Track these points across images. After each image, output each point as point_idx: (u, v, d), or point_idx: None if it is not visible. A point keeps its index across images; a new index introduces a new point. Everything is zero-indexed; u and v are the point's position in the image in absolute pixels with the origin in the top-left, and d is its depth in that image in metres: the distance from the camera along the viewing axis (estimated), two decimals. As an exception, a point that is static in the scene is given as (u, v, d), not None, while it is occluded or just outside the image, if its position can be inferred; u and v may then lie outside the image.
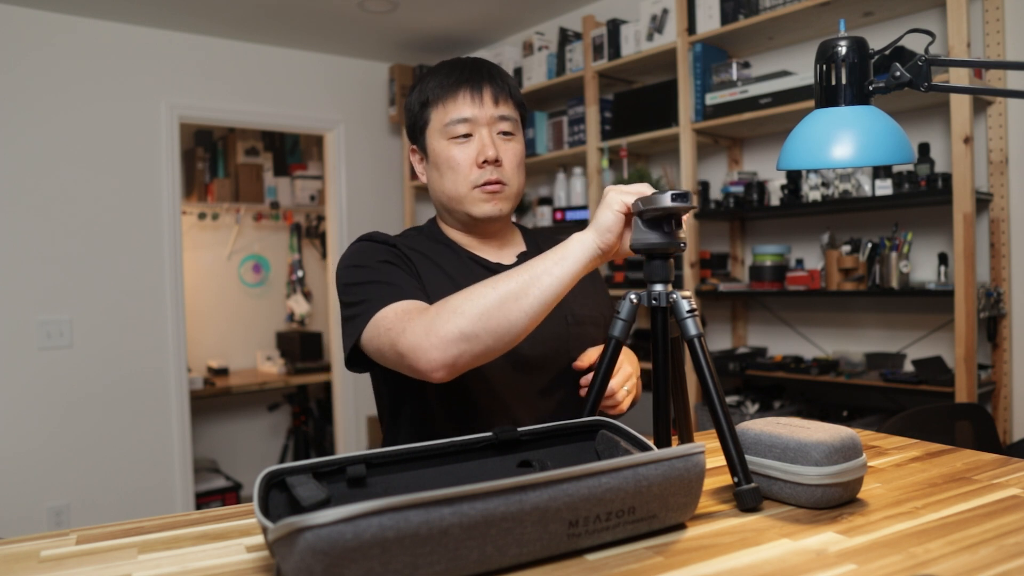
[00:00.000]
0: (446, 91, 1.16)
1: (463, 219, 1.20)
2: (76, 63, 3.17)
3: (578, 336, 1.21)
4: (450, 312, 0.93)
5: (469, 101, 1.16)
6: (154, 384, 3.35)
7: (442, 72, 1.19)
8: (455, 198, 1.17)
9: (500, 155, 1.16)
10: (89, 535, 0.79)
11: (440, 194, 1.20)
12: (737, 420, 1.41)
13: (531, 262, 0.96)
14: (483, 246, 1.24)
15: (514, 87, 1.22)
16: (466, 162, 1.16)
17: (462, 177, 1.16)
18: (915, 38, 1.79)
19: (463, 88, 1.16)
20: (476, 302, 0.92)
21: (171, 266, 3.40)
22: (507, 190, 1.18)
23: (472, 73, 1.17)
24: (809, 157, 0.93)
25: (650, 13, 2.71)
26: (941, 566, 0.66)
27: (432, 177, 1.21)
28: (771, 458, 0.85)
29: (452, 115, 1.15)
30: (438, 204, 1.23)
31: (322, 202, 4.64)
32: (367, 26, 3.44)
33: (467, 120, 1.15)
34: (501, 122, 1.17)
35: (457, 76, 1.17)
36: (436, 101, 1.17)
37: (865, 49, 0.92)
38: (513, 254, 1.25)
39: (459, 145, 1.16)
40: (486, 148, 1.15)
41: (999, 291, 2.12)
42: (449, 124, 1.16)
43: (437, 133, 1.17)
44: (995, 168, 2.13)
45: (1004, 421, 2.13)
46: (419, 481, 0.82)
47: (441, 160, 1.17)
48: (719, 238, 2.85)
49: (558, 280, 0.93)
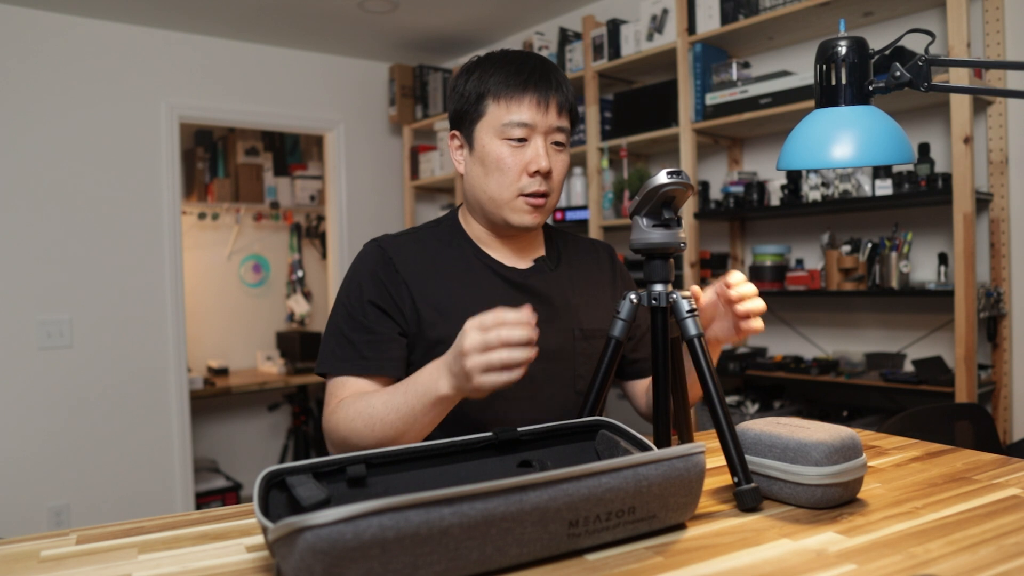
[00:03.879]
0: (512, 90, 1.11)
1: (496, 222, 1.17)
2: (76, 63, 3.17)
3: (584, 351, 1.19)
4: (349, 428, 1.05)
5: (535, 106, 1.11)
6: (154, 384, 3.35)
7: (509, 67, 1.13)
8: (496, 200, 1.14)
9: (552, 166, 1.13)
10: (89, 535, 0.79)
11: (480, 192, 1.15)
12: (737, 420, 1.41)
13: (407, 391, 0.99)
14: (503, 248, 1.21)
15: (575, 98, 1.18)
16: (516, 167, 1.12)
17: (509, 181, 1.12)
18: (915, 38, 1.79)
19: (530, 91, 1.11)
20: (369, 433, 1.03)
21: (171, 266, 3.40)
22: (549, 202, 1.16)
23: (542, 77, 1.13)
24: (809, 157, 0.93)
25: (650, 13, 2.71)
26: (941, 566, 0.66)
27: (475, 172, 1.16)
28: (771, 458, 0.85)
29: (514, 116, 1.11)
30: (473, 200, 1.18)
31: (322, 202, 4.64)
32: (367, 26, 3.44)
33: (527, 126, 1.11)
34: (558, 133, 1.14)
35: (526, 77, 1.12)
36: (498, 97, 1.12)
37: (865, 49, 0.92)
38: (531, 258, 1.23)
39: (513, 148, 1.12)
40: (540, 158, 1.11)
41: (999, 291, 2.12)
42: (507, 125, 1.11)
43: (491, 130, 1.13)
44: (995, 168, 2.13)
45: (1004, 421, 2.13)
46: (419, 481, 0.82)
47: (490, 159, 1.13)
48: (719, 238, 2.85)
49: (410, 419, 1.00)
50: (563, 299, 1.20)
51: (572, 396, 1.18)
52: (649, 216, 0.92)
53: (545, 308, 1.17)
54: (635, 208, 0.92)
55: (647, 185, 0.88)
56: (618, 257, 1.35)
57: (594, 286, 1.26)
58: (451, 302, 1.14)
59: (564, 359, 1.17)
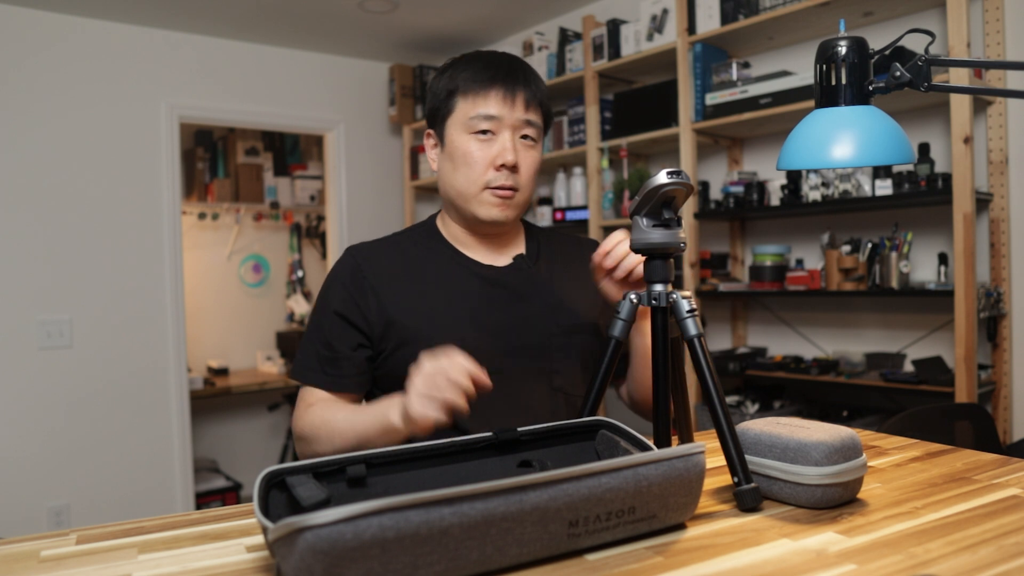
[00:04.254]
0: (479, 85, 1.13)
1: (467, 216, 1.18)
2: (76, 63, 3.17)
3: (562, 347, 1.19)
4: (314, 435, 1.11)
5: (500, 100, 1.13)
6: (154, 384, 3.35)
7: (477, 64, 1.16)
8: (464, 195, 1.16)
9: (519, 161, 1.14)
10: (89, 535, 0.79)
11: (449, 187, 1.18)
12: (737, 420, 1.41)
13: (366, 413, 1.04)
14: (480, 247, 1.22)
15: (546, 95, 1.19)
16: (483, 161, 1.14)
17: (476, 175, 1.14)
18: (915, 38, 1.79)
19: (497, 85, 1.13)
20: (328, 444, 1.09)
21: (171, 266, 3.40)
22: (518, 197, 1.16)
23: (509, 72, 1.15)
24: (809, 157, 0.93)
25: (650, 13, 2.71)
26: (941, 566, 0.66)
27: (444, 168, 1.19)
28: (771, 458, 0.85)
29: (479, 110, 1.13)
30: (445, 197, 1.21)
31: (322, 202, 4.64)
32: (367, 26, 3.44)
33: (493, 118, 1.13)
34: (526, 127, 1.15)
35: (493, 72, 1.14)
36: (466, 92, 1.14)
37: (865, 49, 0.92)
38: (510, 256, 1.23)
39: (479, 142, 1.14)
40: (506, 152, 1.13)
41: (999, 291, 2.12)
42: (474, 118, 1.13)
43: (460, 125, 1.15)
44: (995, 168, 2.13)
45: (1004, 421, 2.13)
46: (419, 481, 0.82)
47: (457, 153, 1.15)
48: (719, 238, 2.85)
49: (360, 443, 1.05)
50: (541, 296, 1.20)
51: (550, 393, 1.18)
52: (649, 216, 0.92)
53: (522, 305, 1.18)
54: (635, 208, 0.92)
55: (647, 185, 0.88)
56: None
57: (577, 283, 1.24)
58: (425, 303, 1.15)
59: (540, 357, 1.17)
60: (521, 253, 1.24)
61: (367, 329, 1.15)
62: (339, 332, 1.16)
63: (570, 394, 1.20)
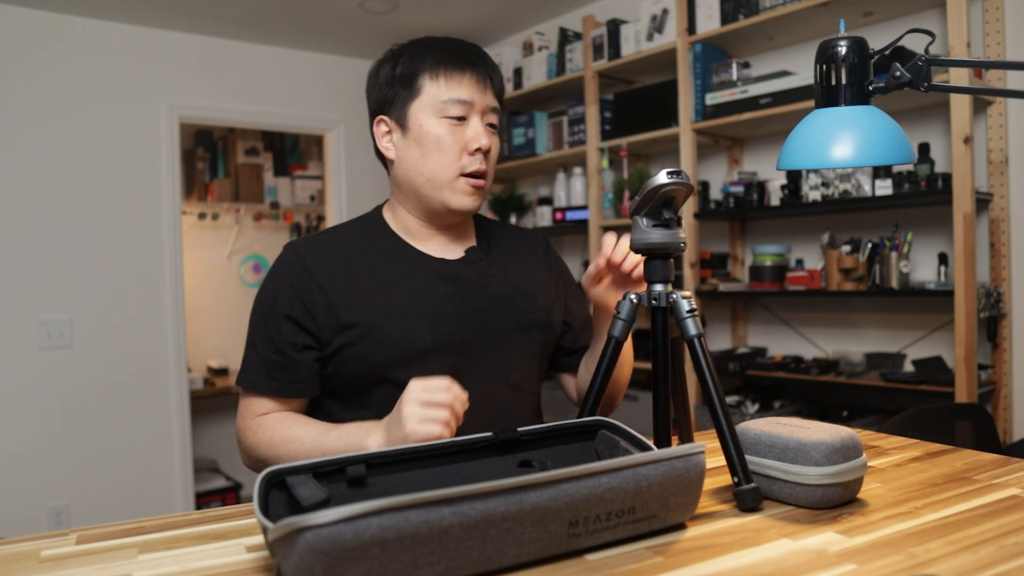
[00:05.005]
0: (451, 68, 1.10)
1: (433, 206, 1.13)
2: (76, 63, 3.17)
3: (518, 342, 1.16)
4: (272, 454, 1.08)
5: (475, 84, 1.11)
6: (154, 384, 3.35)
7: (440, 48, 1.12)
8: (436, 181, 1.11)
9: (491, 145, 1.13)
10: (89, 535, 0.79)
11: (417, 175, 1.12)
12: (737, 420, 1.41)
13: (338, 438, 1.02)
14: (433, 239, 1.18)
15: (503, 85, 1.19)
16: (456, 146, 1.10)
17: (449, 160, 1.10)
18: (915, 38, 1.79)
19: (469, 70, 1.11)
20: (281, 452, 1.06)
21: (171, 266, 3.40)
22: (486, 183, 1.14)
23: (479, 57, 1.13)
24: (809, 157, 0.93)
25: (650, 13, 2.71)
26: (941, 566, 0.66)
27: (411, 155, 1.12)
28: (771, 458, 0.85)
29: (454, 94, 1.09)
30: (407, 185, 1.14)
31: (322, 202, 4.64)
32: (367, 26, 3.44)
33: (467, 103, 1.10)
34: (492, 115, 1.14)
35: (464, 57, 1.12)
36: (436, 75, 1.10)
37: (865, 49, 0.92)
38: (462, 248, 1.19)
39: (452, 126, 1.10)
40: (480, 136, 1.11)
41: (999, 291, 2.12)
42: (447, 102, 1.09)
43: (429, 108, 1.10)
44: (995, 168, 2.13)
45: (1004, 421, 2.13)
46: (419, 481, 0.82)
47: (428, 138, 1.10)
48: (719, 238, 2.85)
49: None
50: (495, 289, 1.17)
51: (506, 389, 1.15)
52: (649, 216, 0.92)
53: (476, 298, 1.14)
54: (635, 208, 0.92)
55: (647, 185, 0.88)
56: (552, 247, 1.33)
57: (528, 276, 1.22)
58: (376, 298, 1.11)
59: (496, 352, 1.14)
60: (473, 246, 1.21)
61: (315, 329, 1.10)
62: (287, 334, 1.10)
63: (526, 391, 1.18)
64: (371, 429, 0.99)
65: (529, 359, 1.18)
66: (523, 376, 1.17)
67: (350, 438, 1.00)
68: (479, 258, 1.19)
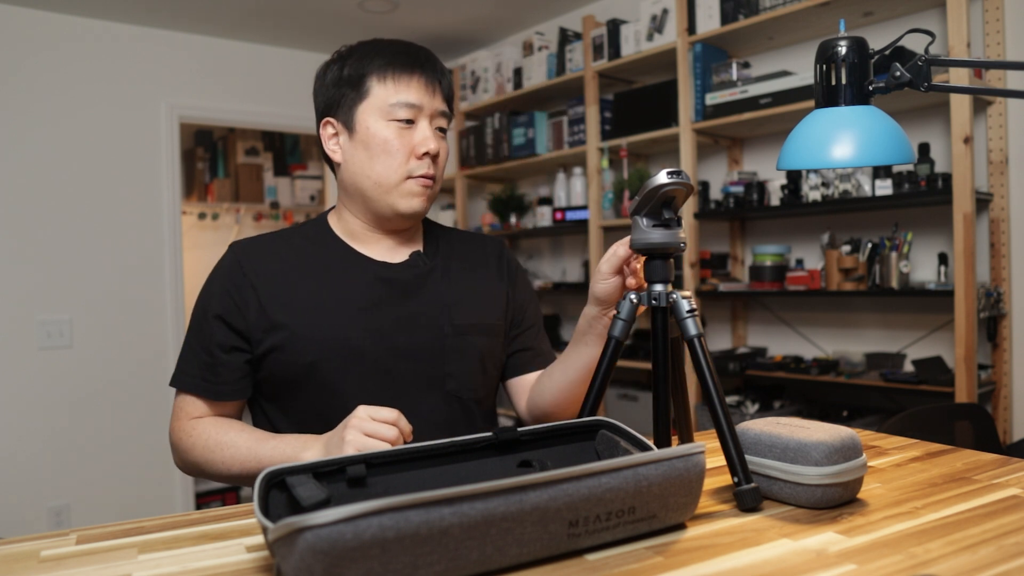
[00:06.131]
0: (399, 71, 1.09)
1: (380, 210, 1.12)
2: (76, 63, 3.17)
3: (456, 348, 1.13)
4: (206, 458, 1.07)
5: (423, 88, 1.09)
6: (154, 384, 3.35)
7: (389, 50, 1.11)
8: (383, 185, 1.09)
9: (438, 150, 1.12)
10: (89, 535, 0.79)
11: (363, 179, 1.10)
12: (737, 420, 1.41)
13: (274, 448, 1.01)
14: (378, 243, 1.16)
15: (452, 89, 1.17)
16: (404, 149, 1.09)
17: (397, 164, 1.09)
18: (915, 38, 1.79)
19: (418, 72, 1.09)
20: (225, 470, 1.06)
21: (171, 266, 3.40)
22: (435, 187, 1.13)
23: (428, 60, 1.12)
24: (809, 157, 0.93)
25: (650, 13, 2.71)
26: (941, 566, 0.66)
27: (357, 158, 1.11)
28: (771, 458, 0.85)
29: (401, 97, 1.08)
30: (354, 188, 1.13)
31: (322, 202, 4.64)
32: (367, 26, 3.44)
33: (415, 106, 1.09)
34: (441, 118, 1.13)
35: (412, 59, 1.10)
36: (384, 77, 1.09)
37: (865, 49, 0.92)
38: (407, 253, 1.17)
39: (400, 129, 1.09)
40: (428, 140, 1.09)
41: (999, 291, 2.12)
42: (395, 105, 1.08)
43: (376, 111, 1.09)
44: (995, 168, 2.13)
45: (1004, 421, 2.13)
46: (419, 481, 0.82)
47: (375, 141, 1.09)
48: (719, 238, 2.85)
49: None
50: (435, 294, 1.15)
51: (443, 396, 1.12)
52: (649, 216, 0.92)
53: (412, 303, 1.13)
54: (635, 208, 0.92)
55: (647, 185, 0.88)
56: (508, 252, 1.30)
57: (477, 281, 1.20)
58: (309, 301, 1.09)
59: (432, 358, 1.12)
60: (418, 250, 1.19)
61: (245, 329, 1.09)
62: (216, 335, 1.09)
63: (465, 399, 1.15)
64: (309, 442, 0.98)
65: (469, 366, 1.14)
66: (461, 384, 1.14)
67: (287, 449, 1.00)
68: (422, 262, 1.17)
